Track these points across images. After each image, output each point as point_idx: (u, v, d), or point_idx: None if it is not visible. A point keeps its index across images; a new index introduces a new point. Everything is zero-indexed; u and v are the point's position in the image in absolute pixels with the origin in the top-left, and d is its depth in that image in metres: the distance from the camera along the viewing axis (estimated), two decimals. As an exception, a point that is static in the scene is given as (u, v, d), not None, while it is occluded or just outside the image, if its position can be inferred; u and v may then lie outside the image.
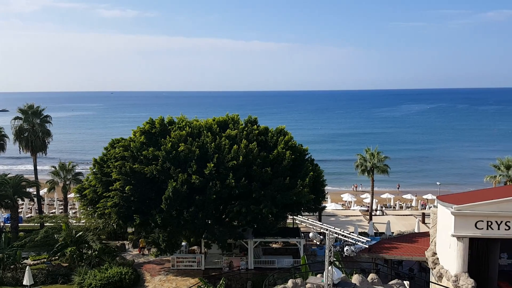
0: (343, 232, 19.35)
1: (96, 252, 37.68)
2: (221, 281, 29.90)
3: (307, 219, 21.66)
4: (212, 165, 33.57)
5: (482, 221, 24.99)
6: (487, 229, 24.99)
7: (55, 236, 38.06)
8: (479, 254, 25.76)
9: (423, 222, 49.57)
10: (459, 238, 25.42)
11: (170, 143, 34.99)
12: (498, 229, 24.90)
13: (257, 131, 37.95)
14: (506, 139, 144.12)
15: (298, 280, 22.51)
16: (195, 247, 41.40)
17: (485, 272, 25.77)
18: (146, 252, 42.69)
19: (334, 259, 27.43)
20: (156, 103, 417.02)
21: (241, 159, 34.10)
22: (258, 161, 34.76)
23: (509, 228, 24.79)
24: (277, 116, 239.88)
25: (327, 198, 56.42)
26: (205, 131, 36.92)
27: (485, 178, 48.92)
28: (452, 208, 25.45)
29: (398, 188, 78.59)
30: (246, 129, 37.83)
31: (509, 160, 46.01)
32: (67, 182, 51.41)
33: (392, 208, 63.95)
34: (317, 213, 46.53)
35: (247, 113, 46.22)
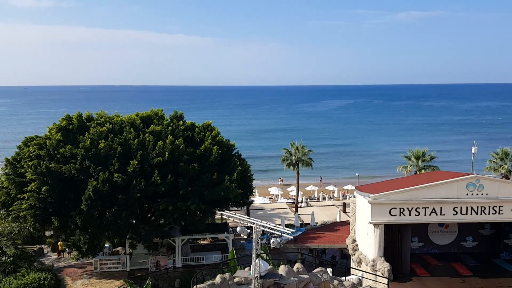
0: (269, 224, 19.77)
1: (11, 258, 34.89)
2: (147, 282, 29.20)
3: (235, 214, 21.82)
4: (136, 162, 32.52)
5: (395, 208, 26.98)
6: (400, 215, 27.03)
7: (-38, 243, 34.66)
8: (393, 239, 27.73)
9: (344, 211, 52.20)
10: (375, 225, 27.20)
11: (89, 140, 33.31)
12: (409, 215, 27.06)
13: (183, 126, 37.41)
14: (416, 132, 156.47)
15: (227, 275, 22.65)
16: (119, 248, 39.92)
17: (399, 255, 27.83)
18: (66, 255, 40.37)
19: (262, 252, 27.99)
20: (74, 98, 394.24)
21: (166, 155, 33.41)
22: (184, 157, 34.31)
23: (419, 214, 27.02)
24: (204, 112, 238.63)
25: (254, 192, 57.23)
26: (127, 127, 35.63)
27: (397, 169, 52.67)
28: (369, 197, 27.15)
29: (320, 180, 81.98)
30: (171, 124, 37.13)
31: (418, 151, 49.94)
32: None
33: (316, 200, 66.57)
34: (245, 208, 47.03)
35: (173, 108, 45.35)
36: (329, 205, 59.60)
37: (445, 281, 26.43)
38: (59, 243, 39.96)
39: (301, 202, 61.07)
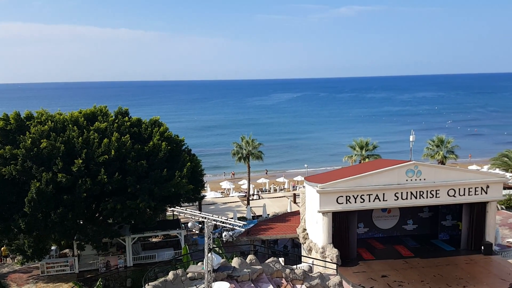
0: (221, 218, 19.96)
1: None
2: (98, 283, 28.52)
3: (186, 210, 21.80)
4: (81, 161, 31.47)
5: (342, 196, 28.08)
6: (346, 203, 28.17)
7: None
8: (341, 226, 28.86)
9: (295, 202, 53.41)
10: (324, 213, 28.19)
11: (30, 139, 31.78)
12: (355, 202, 28.26)
13: (129, 122, 36.63)
14: (360, 123, 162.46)
15: (179, 271, 22.65)
16: (66, 250, 38.54)
17: (346, 241, 29.00)
18: (9, 261, 38.39)
19: (214, 246, 28.17)
20: (11, 97, 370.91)
21: (113, 153, 32.60)
22: (132, 154, 33.64)
23: (364, 200, 28.30)
24: (151, 107, 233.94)
25: (206, 187, 57.20)
26: (70, 125, 34.35)
27: (343, 158, 54.69)
28: (317, 187, 28.06)
29: (266, 173, 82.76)
30: (117, 121, 36.22)
31: (362, 141, 52.13)
32: None
33: (267, 192, 67.58)
34: (197, 203, 46.95)
35: (117, 104, 44.21)
36: (280, 197, 60.74)
37: (389, 263, 27.93)
38: (2, 248, 37.98)
39: (253, 195, 61.80)
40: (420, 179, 28.36)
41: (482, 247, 29.01)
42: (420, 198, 28.69)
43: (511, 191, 49.66)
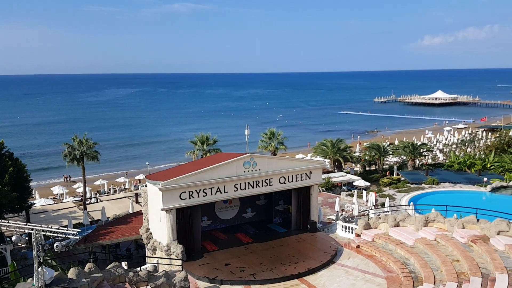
0: (51, 227, 18.19)
1: None
2: None
3: (8, 222, 19.22)
4: None
5: (185, 192, 28.41)
6: (190, 198, 28.62)
7: None
8: (185, 221, 29.19)
9: (137, 202, 51.79)
10: (167, 210, 28.12)
11: None
12: (198, 196, 28.92)
13: None
14: (200, 119, 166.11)
15: (5, 292, 19.96)
16: None
17: (191, 236, 29.48)
18: None
19: (46, 258, 25.52)
20: None
21: None
22: None
23: (206, 194, 29.15)
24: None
25: (34, 194, 51.27)
26: None
27: (186, 154, 55.29)
28: (159, 184, 27.79)
29: (69, 180, 76.59)
30: None
31: (203, 136, 53.46)
32: None
33: (106, 194, 63.92)
34: (24, 213, 41.74)
35: None
36: (121, 198, 58.12)
37: (232, 251, 29.44)
38: None
39: (90, 198, 57.79)
40: (256, 170, 30.51)
41: (309, 226, 32.86)
42: (256, 187, 30.89)
43: (329, 175, 57.32)
